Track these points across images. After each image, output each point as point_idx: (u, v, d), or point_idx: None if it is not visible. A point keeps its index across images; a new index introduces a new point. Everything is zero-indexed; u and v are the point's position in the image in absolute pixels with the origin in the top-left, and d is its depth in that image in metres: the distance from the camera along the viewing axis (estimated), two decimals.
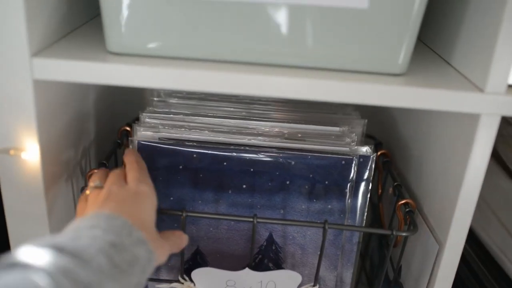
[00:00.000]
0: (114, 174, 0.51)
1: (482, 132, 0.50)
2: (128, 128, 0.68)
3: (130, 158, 0.54)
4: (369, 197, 0.79)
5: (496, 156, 0.84)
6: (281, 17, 0.47)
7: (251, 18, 0.47)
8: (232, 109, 0.67)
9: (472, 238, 0.75)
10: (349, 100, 0.48)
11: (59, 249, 0.37)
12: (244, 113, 0.67)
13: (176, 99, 0.70)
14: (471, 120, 0.51)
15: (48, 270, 0.34)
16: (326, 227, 0.55)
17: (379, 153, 0.71)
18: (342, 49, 0.49)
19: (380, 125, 0.80)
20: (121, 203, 0.46)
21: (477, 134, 0.51)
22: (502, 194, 0.79)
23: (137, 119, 0.71)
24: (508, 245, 0.71)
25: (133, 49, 0.50)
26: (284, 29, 0.48)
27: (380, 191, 0.72)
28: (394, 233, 0.56)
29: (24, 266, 0.34)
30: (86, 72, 0.49)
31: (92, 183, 0.51)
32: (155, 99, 0.69)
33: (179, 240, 0.53)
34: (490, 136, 0.51)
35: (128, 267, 0.40)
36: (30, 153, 0.52)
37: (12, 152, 0.51)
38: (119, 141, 0.66)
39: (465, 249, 0.74)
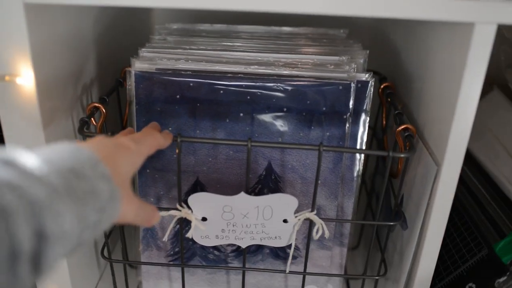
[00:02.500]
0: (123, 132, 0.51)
1: (476, 43, 0.49)
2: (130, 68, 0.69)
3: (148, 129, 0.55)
4: (374, 131, 0.79)
5: (505, 88, 0.83)
6: None
7: None
8: (230, 44, 0.67)
9: (481, 171, 0.74)
10: (331, 11, 0.48)
11: (7, 162, 0.34)
12: (242, 48, 0.66)
13: (175, 36, 0.70)
14: (465, 31, 0.50)
15: None
16: (321, 149, 0.55)
17: (383, 85, 0.71)
18: None
19: (385, 62, 0.79)
20: (99, 145, 0.43)
21: (472, 45, 0.49)
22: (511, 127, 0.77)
23: None
24: None
25: None
26: None
27: (384, 123, 0.72)
28: (391, 154, 0.56)
29: None
30: None
31: None
32: (156, 37, 0.70)
33: (152, 213, 0.51)
34: (485, 48, 0.50)
35: (85, 196, 0.37)
36: (25, 79, 0.52)
37: (7, 78, 0.52)
38: (121, 79, 0.67)
39: (472, 181, 0.73)
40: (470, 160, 0.78)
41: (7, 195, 0.31)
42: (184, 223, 0.62)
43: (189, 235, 0.59)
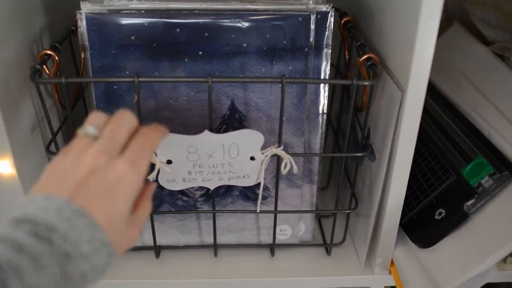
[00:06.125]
0: (112, 130, 0.45)
1: None
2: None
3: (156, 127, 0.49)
4: (337, 69, 0.78)
5: (467, 23, 0.83)
6: None
7: None
8: None
9: (445, 103, 0.74)
10: None
11: (18, 248, 0.36)
12: None
13: None
14: None
15: (3, 269, 0.34)
16: (284, 81, 0.54)
17: (343, 20, 0.69)
18: None
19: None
20: (95, 195, 0.41)
21: None
22: (474, 60, 0.77)
23: None
24: (480, 104, 0.70)
25: None
26: None
27: (347, 58, 0.71)
28: (355, 82, 0.55)
29: None
30: None
31: (88, 126, 0.46)
32: None
33: (149, 206, 0.50)
34: None
35: (80, 277, 0.39)
36: None
37: None
38: (72, 27, 0.64)
39: (437, 112, 0.74)
40: (434, 92, 0.78)
41: (15, 284, 0.34)
42: (150, 170, 0.60)
43: (151, 176, 0.58)
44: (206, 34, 0.58)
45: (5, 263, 0.35)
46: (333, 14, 0.59)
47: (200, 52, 0.59)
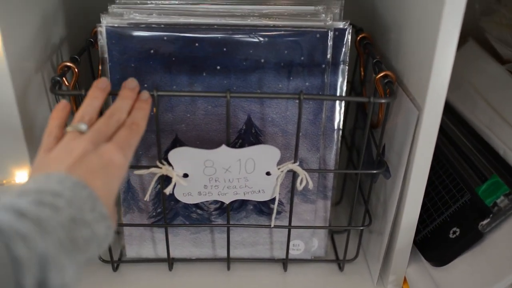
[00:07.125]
0: (102, 125, 0.47)
1: None
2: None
3: (141, 108, 0.51)
4: (352, 85, 0.78)
5: (482, 40, 0.83)
6: None
7: None
8: None
9: (460, 120, 0.74)
10: None
11: (20, 214, 0.36)
12: (216, 1, 0.65)
13: None
14: None
15: (6, 234, 0.34)
16: (302, 97, 0.54)
17: (359, 37, 0.70)
18: None
19: (360, 15, 0.78)
20: (91, 172, 0.43)
21: None
22: (489, 78, 0.77)
23: None
24: (495, 122, 0.69)
25: None
26: None
27: (362, 74, 0.71)
28: (372, 99, 0.55)
29: None
30: None
31: (77, 122, 0.47)
32: None
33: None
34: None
35: (84, 244, 0.39)
36: None
37: None
38: (91, 39, 0.65)
39: (452, 130, 0.74)
40: (448, 110, 0.78)
41: (20, 247, 0.34)
42: (166, 182, 0.61)
43: (168, 189, 0.58)
44: (225, 49, 0.58)
45: (7, 228, 0.35)
46: (350, 31, 0.59)
47: (218, 67, 0.59)
